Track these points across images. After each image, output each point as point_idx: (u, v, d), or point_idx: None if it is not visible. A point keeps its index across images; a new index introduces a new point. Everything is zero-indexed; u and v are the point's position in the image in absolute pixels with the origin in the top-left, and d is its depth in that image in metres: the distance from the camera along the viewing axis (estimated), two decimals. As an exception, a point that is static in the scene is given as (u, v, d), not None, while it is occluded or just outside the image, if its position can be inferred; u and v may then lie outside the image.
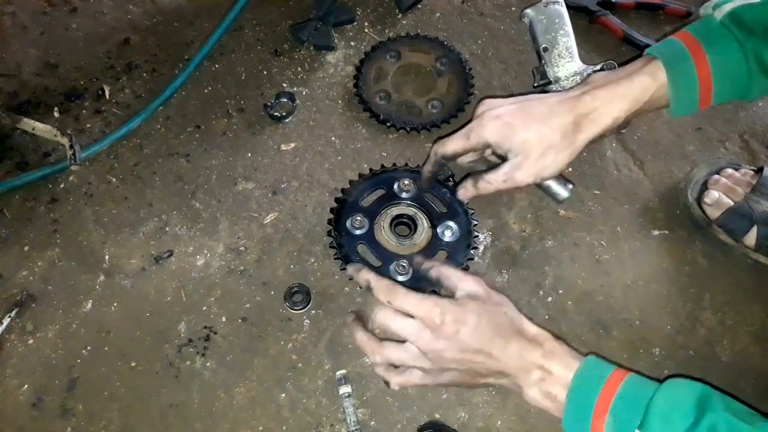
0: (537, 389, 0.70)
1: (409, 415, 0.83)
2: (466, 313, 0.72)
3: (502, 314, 0.74)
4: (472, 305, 0.73)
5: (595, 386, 0.67)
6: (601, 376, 0.67)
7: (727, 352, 0.90)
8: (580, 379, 0.68)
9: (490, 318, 0.72)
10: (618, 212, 1.01)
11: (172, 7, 1.22)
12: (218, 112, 1.09)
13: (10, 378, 0.85)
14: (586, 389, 0.67)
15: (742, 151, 1.08)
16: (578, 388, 0.68)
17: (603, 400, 0.65)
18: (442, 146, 0.84)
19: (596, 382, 0.67)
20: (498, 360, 0.71)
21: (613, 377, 0.67)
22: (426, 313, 0.72)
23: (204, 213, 0.99)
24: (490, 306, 0.74)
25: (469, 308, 0.73)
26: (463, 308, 0.72)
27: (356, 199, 0.94)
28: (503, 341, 0.71)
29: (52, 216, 0.98)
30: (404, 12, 1.21)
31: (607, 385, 0.66)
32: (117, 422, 0.82)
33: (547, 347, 0.71)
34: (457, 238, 0.91)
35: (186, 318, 0.90)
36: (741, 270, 0.96)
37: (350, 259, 0.89)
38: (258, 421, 0.83)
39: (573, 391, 0.68)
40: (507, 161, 0.80)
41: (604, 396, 0.65)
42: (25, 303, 0.91)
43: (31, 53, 1.16)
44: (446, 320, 0.71)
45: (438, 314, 0.71)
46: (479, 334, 0.71)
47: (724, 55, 0.74)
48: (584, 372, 0.69)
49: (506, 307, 0.75)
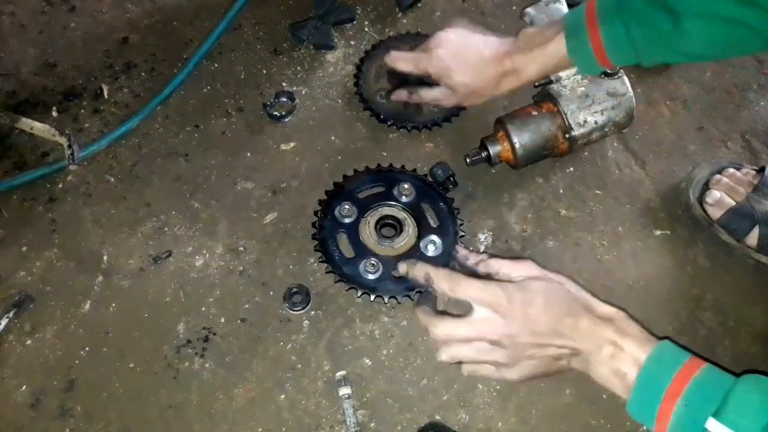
0: (607, 366, 0.69)
1: (409, 417, 0.83)
2: (532, 293, 0.72)
3: (566, 292, 0.74)
4: (535, 285, 0.73)
5: (669, 368, 0.65)
6: (677, 360, 0.65)
7: (728, 353, 0.89)
8: (655, 359, 0.66)
9: (555, 296, 0.72)
10: (619, 212, 1.00)
11: (171, 6, 1.22)
12: (217, 112, 1.09)
13: (9, 379, 0.85)
14: (659, 370, 0.65)
15: (743, 150, 1.08)
16: (651, 368, 0.66)
17: (677, 384, 0.63)
18: (393, 61, 1.00)
19: (671, 364, 0.65)
20: (569, 338, 0.71)
21: (690, 363, 0.65)
22: (493, 298, 0.71)
23: (203, 213, 0.99)
24: (553, 285, 0.74)
25: (534, 288, 0.73)
26: (529, 290, 0.72)
27: (353, 189, 0.95)
28: (573, 319, 0.71)
29: (51, 216, 0.98)
30: (404, 11, 1.21)
31: (683, 369, 0.64)
32: (115, 423, 0.82)
33: (620, 324, 0.70)
34: (437, 255, 0.90)
35: (185, 318, 0.89)
36: (743, 270, 0.96)
37: (325, 243, 0.90)
38: (257, 423, 0.82)
39: (645, 371, 0.66)
40: (437, 87, 0.99)
41: (678, 380, 0.63)
42: (23, 303, 0.90)
43: (30, 52, 1.15)
44: (514, 303, 0.71)
45: (504, 298, 0.71)
46: (549, 313, 0.71)
47: (611, 29, 0.84)
48: (659, 353, 0.67)
49: (568, 285, 0.75)
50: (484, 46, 0.93)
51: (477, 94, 0.96)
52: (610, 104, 0.98)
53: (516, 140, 0.96)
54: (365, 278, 0.88)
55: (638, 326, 0.71)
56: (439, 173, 0.97)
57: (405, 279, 0.89)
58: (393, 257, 0.91)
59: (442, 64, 0.94)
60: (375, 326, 0.89)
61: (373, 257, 0.89)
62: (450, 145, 1.05)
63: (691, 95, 1.14)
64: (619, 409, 0.80)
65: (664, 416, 0.63)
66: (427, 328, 0.77)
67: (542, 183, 1.03)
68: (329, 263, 0.89)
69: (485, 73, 0.93)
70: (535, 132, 0.96)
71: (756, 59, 1.18)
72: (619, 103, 0.98)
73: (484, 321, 0.72)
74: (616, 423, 0.83)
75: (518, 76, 0.92)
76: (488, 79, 0.93)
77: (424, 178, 0.98)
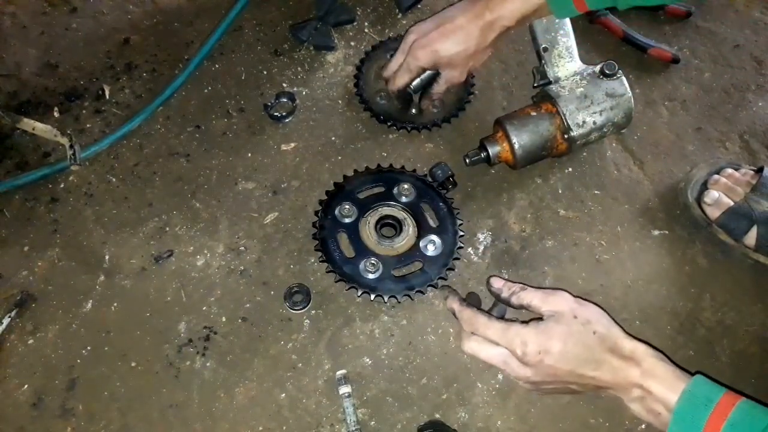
0: (639, 405, 0.70)
1: (409, 415, 0.83)
2: (550, 339, 0.72)
3: (589, 334, 0.72)
4: (556, 330, 0.73)
5: (703, 410, 0.64)
6: (710, 400, 0.64)
7: (727, 352, 0.90)
8: (686, 401, 0.65)
9: (577, 340, 0.72)
10: (618, 212, 1.01)
11: (172, 7, 1.22)
12: (218, 112, 1.09)
13: (10, 378, 0.85)
14: (693, 410, 0.64)
15: (742, 150, 1.08)
16: (684, 411, 0.65)
17: (712, 424, 0.62)
18: (394, 84, 1.02)
19: (704, 405, 0.64)
20: (592, 380, 0.72)
21: (723, 401, 0.64)
22: (508, 344, 0.73)
23: (204, 213, 0.99)
24: (576, 327, 0.73)
25: (553, 333, 0.72)
26: (546, 335, 0.72)
27: (353, 189, 0.95)
28: (594, 363, 0.71)
29: (52, 216, 0.98)
30: (404, 12, 1.21)
31: (717, 409, 0.63)
32: (117, 422, 0.82)
33: (646, 366, 0.70)
34: (437, 255, 0.91)
35: (186, 318, 0.90)
36: (741, 270, 0.96)
37: (326, 243, 0.90)
38: (258, 421, 0.83)
39: (678, 414, 0.65)
40: (441, 73, 1.00)
41: (713, 419, 0.63)
42: (25, 303, 0.91)
43: (31, 53, 1.15)
44: (528, 350, 0.72)
45: (519, 344, 0.73)
46: (566, 359, 0.71)
47: None
48: (692, 393, 0.66)
49: (595, 324, 0.73)
50: (456, 11, 0.95)
51: (473, 56, 0.97)
52: (609, 105, 0.98)
53: (515, 141, 0.96)
54: (365, 278, 0.89)
55: (665, 365, 0.70)
56: (438, 173, 0.98)
57: (405, 278, 0.90)
58: (393, 257, 0.91)
59: (427, 50, 0.96)
60: (375, 325, 0.90)
61: (373, 257, 0.90)
62: (449, 146, 1.06)
63: (690, 96, 1.14)
64: (618, 408, 0.80)
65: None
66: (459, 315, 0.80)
67: (541, 183, 1.03)
68: (330, 263, 0.90)
69: (469, 33, 0.94)
70: (534, 132, 0.97)
71: (755, 60, 1.19)
72: (617, 103, 0.98)
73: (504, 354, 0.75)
74: (615, 422, 0.83)
75: (499, 21, 0.92)
76: (474, 37, 0.94)
77: (424, 179, 0.98)
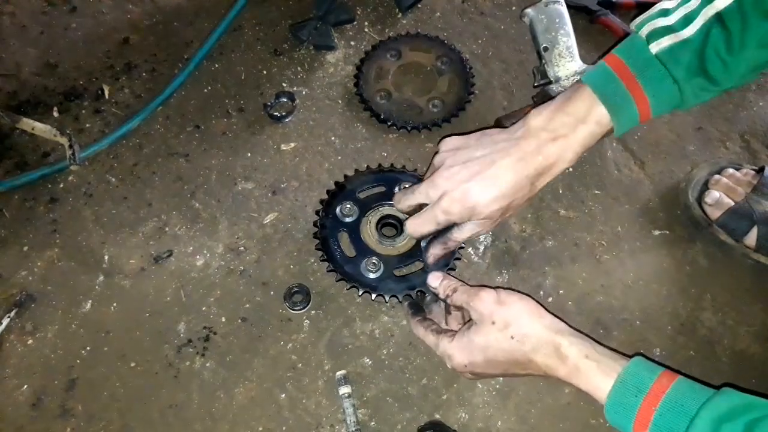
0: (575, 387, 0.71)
1: (409, 416, 0.83)
2: (471, 353, 0.75)
3: (507, 340, 0.72)
4: (476, 342, 0.74)
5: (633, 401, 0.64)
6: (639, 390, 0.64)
7: (727, 353, 0.90)
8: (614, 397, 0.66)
9: (497, 349, 0.73)
10: (618, 212, 1.01)
11: (172, 6, 1.22)
12: (218, 112, 1.09)
13: (10, 378, 0.85)
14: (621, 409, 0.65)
15: (742, 150, 1.08)
16: (614, 407, 0.66)
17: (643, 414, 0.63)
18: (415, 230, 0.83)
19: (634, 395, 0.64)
20: (526, 374, 0.74)
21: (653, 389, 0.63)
22: (440, 356, 0.80)
23: (203, 213, 0.99)
24: (494, 335, 0.73)
25: (474, 347, 0.75)
26: (468, 349, 0.75)
27: (354, 189, 0.95)
28: (520, 366, 0.73)
29: (52, 216, 0.98)
30: (404, 12, 1.21)
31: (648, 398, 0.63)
32: (116, 423, 0.82)
33: (571, 364, 0.69)
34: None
35: (185, 318, 0.90)
36: (741, 270, 0.96)
37: (326, 242, 0.90)
38: (258, 422, 0.83)
39: (609, 412, 0.66)
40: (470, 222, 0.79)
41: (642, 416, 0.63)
42: (24, 303, 0.90)
43: (31, 53, 1.15)
44: (455, 363, 0.77)
45: (447, 358, 0.78)
46: (492, 366, 0.75)
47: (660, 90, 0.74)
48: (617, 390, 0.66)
49: (514, 327, 0.72)
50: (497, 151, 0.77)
51: (515, 208, 0.80)
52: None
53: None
54: (366, 277, 0.89)
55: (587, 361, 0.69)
56: None
57: (405, 278, 0.89)
58: (394, 256, 0.91)
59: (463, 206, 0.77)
60: (375, 325, 0.90)
61: (374, 256, 0.90)
62: (450, 146, 1.06)
63: (690, 96, 1.14)
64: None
65: None
66: None
67: (542, 183, 1.03)
68: (330, 262, 0.89)
69: (516, 184, 0.76)
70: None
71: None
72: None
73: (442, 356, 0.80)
74: (616, 422, 0.83)
75: (551, 172, 0.77)
76: (522, 188, 0.76)
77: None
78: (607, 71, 0.75)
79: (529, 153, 0.75)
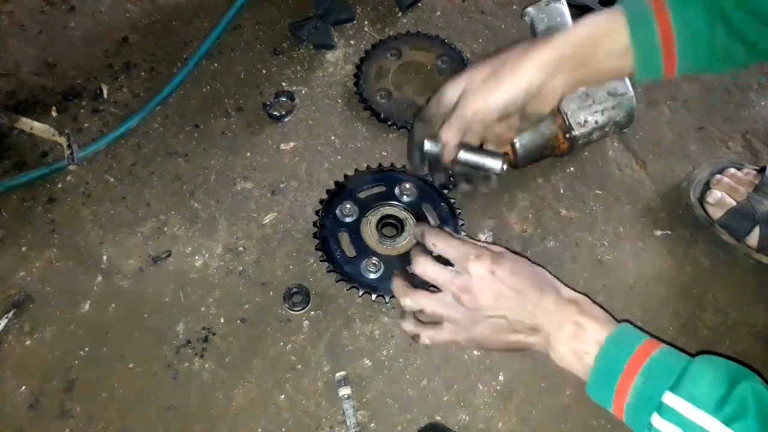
0: (567, 347, 0.70)
1: (409, 417, 0.83)
2: (503, 257, 0.74)
3: (538, 270, 0.76)
4: (509, 254, 0.76)
5: (628, 348, 0.66)
6: (636, 340, 0.67)
7: (729, 353, 0.89)
8: (614, 340, 0.67)
9: (526, 268, 0.74)
10: (620, 212, 1.00)
11: (171, 5, 1.22)
12: (217, 112, 1.08)
13: (8, 379, 0.85)
14: (618, 349, 0.66)
15: (744, 150, 1.08)
16: (611, 349, 0.67)
17: (635, 362, 0.64)
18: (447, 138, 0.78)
19: (630, 344, 0.66)
20: (531, 312, 0.72)
21: (647, 343, 0.66)
22: (463, 252, 0.74)
23: (202, 213, 0.98)
24: (524, 261, 0.76)
25: (506, 255, 0.75)
26: (500, 254, 0.75)
27: (354, 189, 0.95)
28: (538, 292, 0.72)
29: (50, 216, 0.98)
30: (404, 10, 1.20)
31: (641, 349, 0.65)
32: (115, 423, 0.82)
33: (584, 306, 0.72)
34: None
35: (184, 319, 0.89)
36: (743, 270, 0.95)
37: (327, 242, 0.90)
38: (257, 423, 0.82)
39: (605, 351, 0.67)
40: None
41: (636, 357, 0.65)
42: (22, 303, 0.90)
43: (29, 52, 1.15)
44: (483, 260, 0.72)
45: (475, 252, 0.74)
46: (515, 279, 0.72)
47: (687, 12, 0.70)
48: (619, 334, 0.68)
49: (540, 268, 0.77)
50: None
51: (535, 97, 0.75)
52: (611, 104, 0.98)
53: (516, 140, 0.96)
54: (366, 277, 0.88)
55: (601, 310, 0.73)
56: None
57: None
58: (394, 256, 0.90)
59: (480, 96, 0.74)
60: (375, 326, 0.89)
61: (375, 256, 0.89)
62: (450, 145, 1.05)
63: (692, 95, 1.13)
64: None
65: (622, 393, 0.64)
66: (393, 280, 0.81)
67: (543, 183, 1.03)
68: (331, 262, 0.89)
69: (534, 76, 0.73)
70: (535, 132, 0.96)
71: (757, 59, 1.18)
72: (619, 102, 0.98)
73: (453, 272, 0.74)
74: (617, 423, 0.82)
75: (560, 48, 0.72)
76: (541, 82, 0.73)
77: (425, 178, 0.98)
78: None
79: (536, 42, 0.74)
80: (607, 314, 0.72)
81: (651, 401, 0.62)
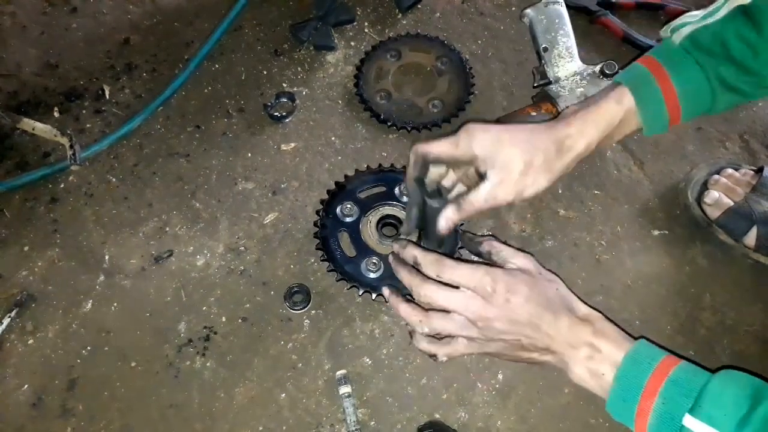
0: (584, 367, 0.70)
1: (409, 415, 0.83)
2: (517, 283, 0.72)
3: (553, 290, 0.74)
4: (523, 277, 0.74)
5: (646, 367, 0.66)
6: (653, 359, 0.66)
7: (727, 352, 0.90)
8: (631, 359, 0.67)
9: (540, 291, 0.73)
10: (618, 212, 1.01)
11: (172, 7, 1.22)
12: (218, 112, 1.09)
13: (10, 378, 0.85)
14: (636, 370, 0.66)
15: (742, 151, 1.08)
16: (628, 368, 0.67)
17: (653, 382, 0.64)
18: (425, 147, 0.79)
19: (647, 363, 0.66)
20: (546, 334, 0.71)
21: (665, 361, 0.66)
22: (477, 282, 0.72)
23: (204, 213, 0.99)
24: (541, 281, 0.75)
25: (520, 279, 0.73)
26: (514, 279, 0.73)
27: (355, 189, 0.95)
28: (553, 315, 0.72)
29: (52, 216, 0.98)
30: (404, 12, 1.21)
31: (659, 367, 0.65)
32: (117, 422, 0.82)
33: (598, 326, 0.71)
34: None
35: (186, 318, 0.90)
36: (741, 270, 0.96)
37: (327, 242, 0.91)
38: (258, 422, 0.83)
39: (622, 371, 0.67)
40: (487, 180, 0.76)
41: (654, 378, 0.64)
42: (25, 303, 0.91)
43: (31, 53, 1.16)
44: (498, 288, 0.71)
45: (489, 282, 0.71)
46: (530, 306, 0.71)
47: (686, 75, 0.78)
48: (635, 353, 0.68)
49: (557, 284, 0.76)
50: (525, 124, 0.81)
51: (533, 172, 0.76)
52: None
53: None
54: (366, 277, 0.89)
55: (615, 328, 0.72)
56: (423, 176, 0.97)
57: None
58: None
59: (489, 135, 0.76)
60: (375, 325, 0.90)
61: (375, 256, 0.90)
62: (450, 146, 1.06)
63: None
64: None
65: (644, 414, 0.64)
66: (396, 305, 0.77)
67: (541, 183, 1.03)
68: (331, 262, 0.90)
69: (540, 143, 0.76)
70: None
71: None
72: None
73: (466, 297, 0.72)
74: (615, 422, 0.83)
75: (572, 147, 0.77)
76: (544, 149, 0.76)
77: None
78: (636, 66, 0.80)
79: (549, 125, 0.78)
80: (621, 331, 0.72)
81: (672, 424, 0.62)
